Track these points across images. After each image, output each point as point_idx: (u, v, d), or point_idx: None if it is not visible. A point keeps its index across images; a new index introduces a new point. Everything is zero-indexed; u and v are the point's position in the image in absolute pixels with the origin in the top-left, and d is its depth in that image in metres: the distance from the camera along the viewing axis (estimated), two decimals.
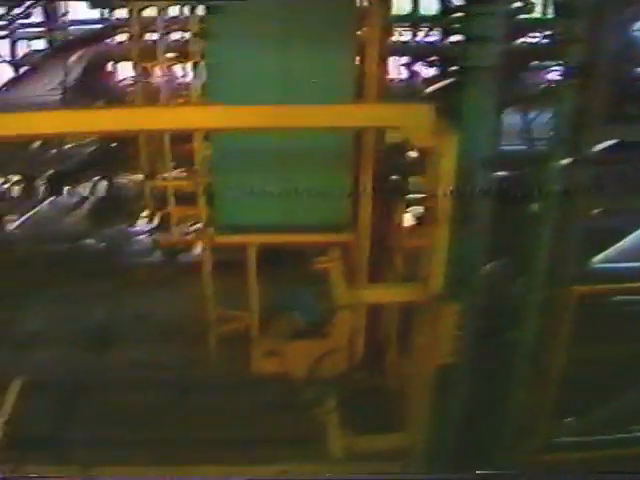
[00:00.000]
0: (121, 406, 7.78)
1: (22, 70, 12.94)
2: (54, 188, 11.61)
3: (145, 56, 10.20)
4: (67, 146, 11.28)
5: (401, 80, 12.65)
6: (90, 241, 10.74)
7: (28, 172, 11.17)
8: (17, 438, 6.91)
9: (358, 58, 6.66)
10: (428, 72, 11.69)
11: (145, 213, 11.29)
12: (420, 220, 7.11)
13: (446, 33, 10.76)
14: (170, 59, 10.58)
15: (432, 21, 12.45)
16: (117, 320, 8.28)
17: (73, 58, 10.50)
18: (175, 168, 10.29)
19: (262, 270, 7.64)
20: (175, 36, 11.04)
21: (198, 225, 9.20)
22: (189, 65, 10.28)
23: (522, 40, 8.57)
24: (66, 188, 11.80)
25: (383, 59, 6.87)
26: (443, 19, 6.48)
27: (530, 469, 6.01)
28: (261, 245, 7.46)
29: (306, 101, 5.43)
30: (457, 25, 5.11)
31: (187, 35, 9.72)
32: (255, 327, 8.00)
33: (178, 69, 11.88)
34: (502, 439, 6.07)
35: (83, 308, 8.19)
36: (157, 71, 10.54)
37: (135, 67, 10.44)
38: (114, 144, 10.08)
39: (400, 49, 12.25)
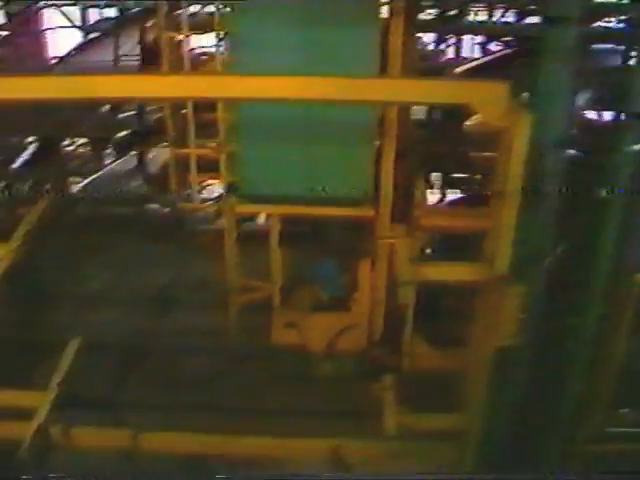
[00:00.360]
0: (177, 372, 8.12)
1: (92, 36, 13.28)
2: (121, 151, 11.95)
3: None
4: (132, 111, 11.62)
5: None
6: (154, 205, 11.06)
7: (96, 135, 11.51)
8: (70, 398, 7.13)
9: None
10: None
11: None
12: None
13: (522, 14, 10.93)
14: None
15: (509, 2, 12.49)
16: (178, 285, 8.50)
17: (145, 26, 10.68)
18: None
19: (289, 241, 7.89)
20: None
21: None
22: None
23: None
24: (133, 152, 12.14)
25: (410, 34, 6.95)
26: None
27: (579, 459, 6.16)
28: (286, 216, 7.67)
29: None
30: (534, 6, 5.22)
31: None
32: (277, 298, 8.21)
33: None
34: (555, 426, 6.22)
35: (146, 271, 8.45)
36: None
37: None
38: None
39: (476, 28, 12.35)
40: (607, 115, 6.99)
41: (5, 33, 13.48)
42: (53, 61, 13.49)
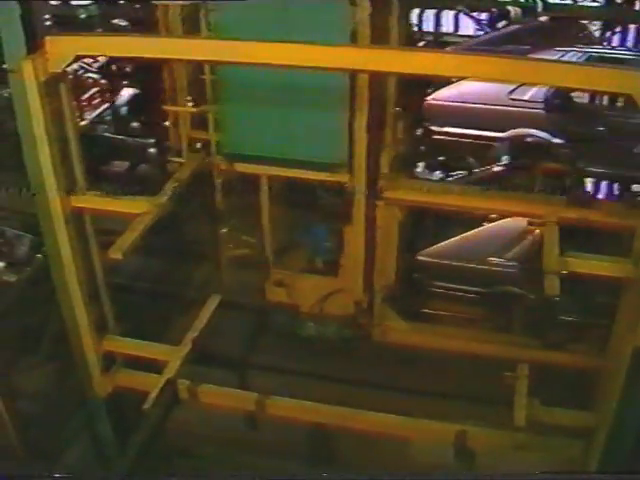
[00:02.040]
0: (308, 339, 9.04)
1: None
2: None
3: None
4: None
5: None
6: None
7: None
8: (203, 355, 8.03)
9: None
10: None
11: None
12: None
13: None
14: None
15: None
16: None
17: None
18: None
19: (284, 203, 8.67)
20: None
21: None
22: None
23: None
24: None
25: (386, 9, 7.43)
26: None
27: None
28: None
29: None
30: None
31: None
32: (269, 257, 8.99)
33: None
34: None
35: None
36: None
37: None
38: None
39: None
40: None
41: None
42: None
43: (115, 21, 13.61)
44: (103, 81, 13.55)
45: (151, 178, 10.60)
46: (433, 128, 9.27)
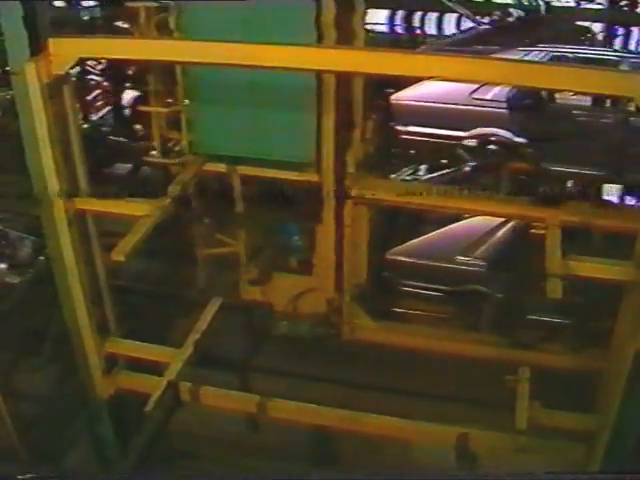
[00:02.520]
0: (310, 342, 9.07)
1: None
2: None
3: None
4: None
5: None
6: None
7: None
8: (204, 357, 8.03)
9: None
10: None
11: None
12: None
13: None
14: None
15: None
16: None
17: None
18: None
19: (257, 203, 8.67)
20: None
21: None
22: None
23: None
24: None
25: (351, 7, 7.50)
26: None
27: None
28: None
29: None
30: None
31: None
32: (242, 255, 9.04)
33: None
34: None
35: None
36: None
37: None
38: None
39: None
40: None
41: None
42: None
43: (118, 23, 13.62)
44: (106, 83, 13.56)
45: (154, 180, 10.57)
46: (398, 128, 9.29)
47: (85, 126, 12.12)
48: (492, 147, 9.41)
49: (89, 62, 12.79)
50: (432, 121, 9.36)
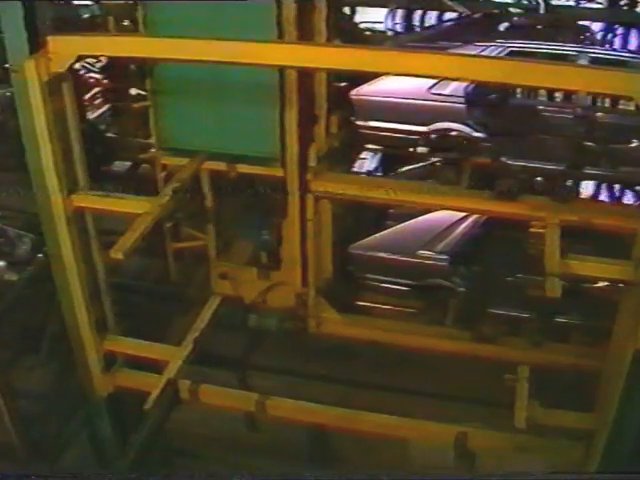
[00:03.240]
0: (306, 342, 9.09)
1: None
2: None
3: None
4: None
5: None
6: None
7: None
8: (204, 355, 8.11)
9: None
10: None
11: None
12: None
13: None
14: None
15: None
16: None
17: None
18: None
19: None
20: None
21: None
22: None
23: None
24: None
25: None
26: None
27: None
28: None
29: None
30: None
31: None
32: (212, 249, 9.11)
33: None
34: None
35: None
36: None
37: None
38: None
39: None
40: None
41: None
42: None
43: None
44: (105, 81, 13.54)
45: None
46: (358, 123, 9.32)
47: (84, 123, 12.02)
48: (452, 142, 9.42)
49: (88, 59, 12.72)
50: (392, 116, 9.38)
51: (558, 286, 6.45)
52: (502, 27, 13.46)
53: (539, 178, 9.39)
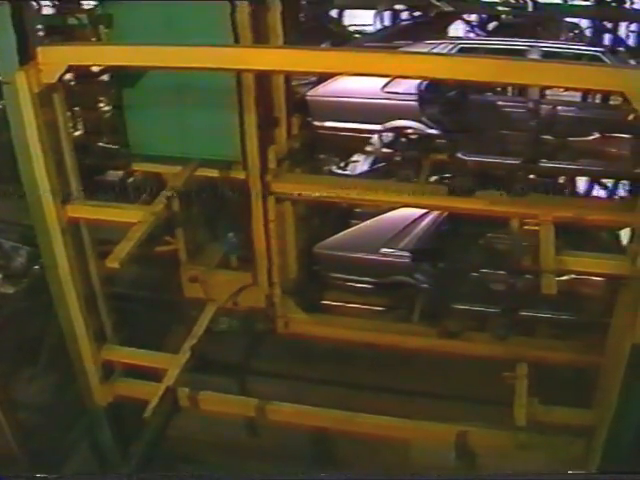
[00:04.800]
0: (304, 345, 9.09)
1: None
2: None
3: None
4: None
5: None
6: None
7: None
8: (202, 362, 8.04)
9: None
10: None
11: None
12: None
13: None
14: None
15: None
16: None
17: None
18: None
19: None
20: None
21: None
22: None
23: None
24: None
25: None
26: None
27: None
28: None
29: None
30: None
31: None
32: (183, 253, 9.22)
33: None
34: None
35: None
36: None
37: None
38: None
39: None
40: None
41: None
42: None
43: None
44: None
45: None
46: (315, 123, 9.34)
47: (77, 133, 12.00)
48: (407, 139, 9.42)
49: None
50: (347, 116, 9.39)
51: (554, 283, 6.43)
52: (491, 26, 13.50)
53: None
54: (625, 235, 8.55)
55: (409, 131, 9.25)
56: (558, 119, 8.88)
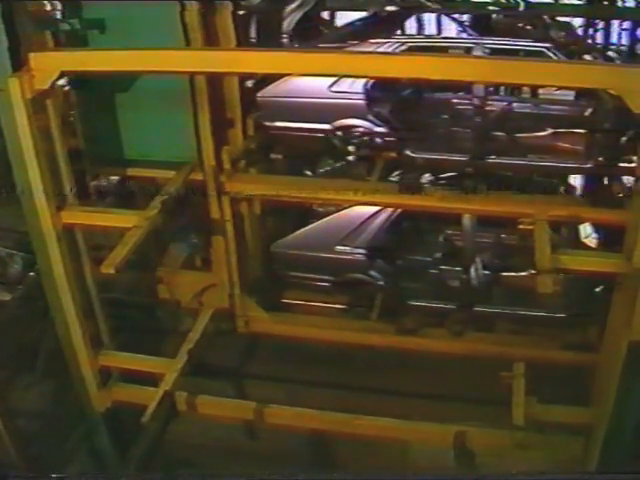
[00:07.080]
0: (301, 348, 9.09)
1: None
2: None
3: None
4: None
5: None
6: None
7: None
8: (199, 366, 8.08)
9: None
10: None
11: None
12: None
13: None
14: None
15: None
16: None
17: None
18: None
19: None
20: None
21: None
22: None
23: None
24: None
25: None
26: None
27: None
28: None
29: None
30: None
31: None
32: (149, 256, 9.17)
33: None
34: None
35: None
36: None
37: None
38: None
39: None
40: None
41: None
42: None
43: None
44: None
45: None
46: (266, 124, 9.36)
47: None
48: (357, 138, 9.42)
49: None
50: (296, 115, 9.39)
51: (549, 282, 6.41)
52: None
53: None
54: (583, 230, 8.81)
55: (359, 129, 9.24)
56: (510, 115, 8.87)
